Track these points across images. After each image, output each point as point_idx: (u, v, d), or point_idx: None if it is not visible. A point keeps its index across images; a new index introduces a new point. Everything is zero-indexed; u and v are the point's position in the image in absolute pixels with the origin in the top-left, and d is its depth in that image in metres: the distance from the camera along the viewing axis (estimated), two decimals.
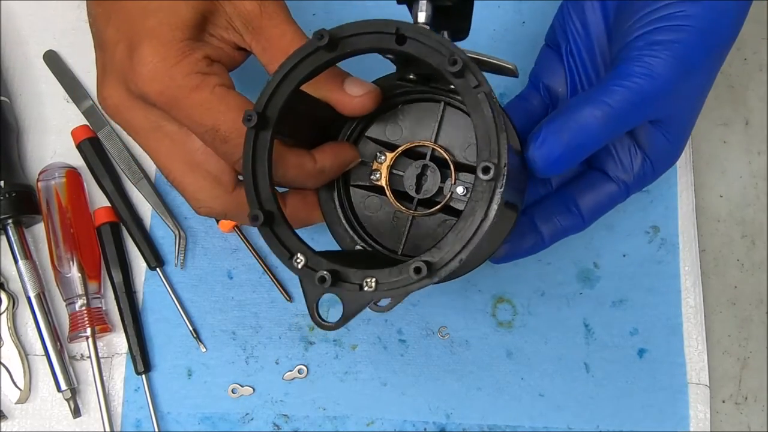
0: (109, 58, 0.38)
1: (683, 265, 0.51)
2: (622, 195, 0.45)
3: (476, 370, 0.50)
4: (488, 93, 0.33)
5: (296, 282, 0.51)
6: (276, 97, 0.35)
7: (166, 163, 0.39)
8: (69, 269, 0.50)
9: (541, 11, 0.55)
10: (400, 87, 0.41)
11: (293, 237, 0.34)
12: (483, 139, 0.32)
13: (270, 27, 0.38)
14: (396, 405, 0.50)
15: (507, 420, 0.49)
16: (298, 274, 0.34)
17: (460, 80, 0.33)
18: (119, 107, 0.38)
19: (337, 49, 0.35)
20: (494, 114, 0.32)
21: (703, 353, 0.50)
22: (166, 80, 0.36)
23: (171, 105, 0.37)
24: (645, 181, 0.45)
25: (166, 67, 0.36)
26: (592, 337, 0.50)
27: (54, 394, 0.50)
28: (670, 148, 0.44)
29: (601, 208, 0.45)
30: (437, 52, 0.33)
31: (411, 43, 0.34)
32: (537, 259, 0.51)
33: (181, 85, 0.36)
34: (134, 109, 0.38)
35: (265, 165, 0.35)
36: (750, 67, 0.55)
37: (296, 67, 0.35)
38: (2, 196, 0.50)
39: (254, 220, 0.34)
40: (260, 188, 0.35)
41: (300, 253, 0.34)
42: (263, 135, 0.35)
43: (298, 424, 0.50)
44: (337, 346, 0.51)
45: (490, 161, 0.32)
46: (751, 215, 0.53)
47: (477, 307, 0.51)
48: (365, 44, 0.34)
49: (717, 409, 0.50)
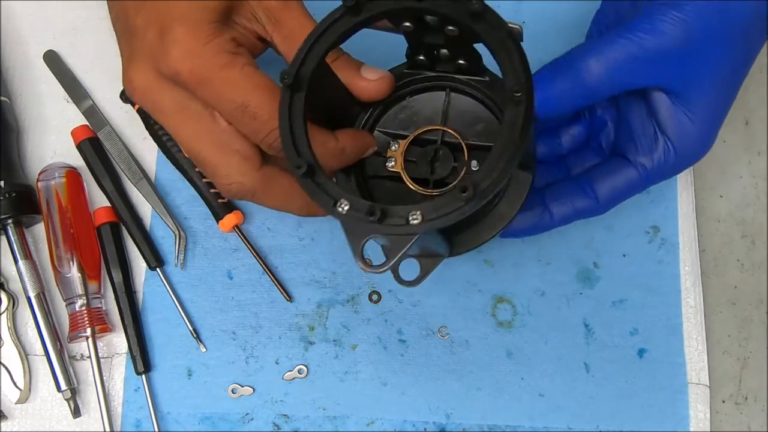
0: (138, 42, 0.39)
1: (683, 265, 0.51)
2: (642, 181, 0.44)
3: (476, 370, 0.50)
4: (510, 31, 0.35)
5: (296, 282, 0.51)
6: (308, 61, 0.37)
7: (194, 142, 0.40)
8: (69, 269, 0.50)
9: (541, 11, 0.55)
10: (407, 77, 0.43)
11: (334, 186, 0.35)
12: (509, 72, 0.34)
13: (290, 19, 0.41)
14: (396, 405, 0.50)
15: (507, 420, 0.49)
16: (342, 219, 0.34)
17: (482, 25, 0.35)
18: (147, 89, 0.40)
19: (361, 13, 0.37)
20: (517, 48, 0.34)
21: (703, 353, 0.50)
22: (197, 59, 0.38)
23: (201, 83, 0.38)
24: (666, 167, 0.44)
25: (198, 46, 0.38)
26: (592, 337, 0.50)
27: (54, 394, 0.50)
28: (694, 131, 0.43)
29: (619, 193, 0.45)
30: (454, 1, 0.35)
31: (428, 1, 0.36)
32: (537, 259, 0.51)
33: (212, 63, 0.38)
34: (162, 90, 0.39)
35: (301, 124, 0.36)
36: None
37: (325, 32, 0.37)
38: (2, 196, 0.50)
39: (297, 168, 0.35)
40: (298, 144, 0.36)
41: (343, 199, 0.34)
42: (298, 96, 0.37)
43: (298, 424, 0.50)
44: (337, 346, 0.51)
45: (517, 85, 0.34)
46: (751, 215, 0.53)
47: (477, 307, 0.51)
48: (387, 6, 0.36)
49: (717, 409, 0.50)
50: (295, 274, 0.52)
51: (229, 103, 0.38)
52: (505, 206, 0.42)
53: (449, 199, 0.33)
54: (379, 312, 0.51)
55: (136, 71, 0.40)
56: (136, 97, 0.41)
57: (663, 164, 0.44)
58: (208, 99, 0.39)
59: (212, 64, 0.38)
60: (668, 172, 0.44)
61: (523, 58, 0.34)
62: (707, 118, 0.43)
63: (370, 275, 0.51)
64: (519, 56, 0.34)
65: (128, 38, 0.40)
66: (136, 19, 0.39)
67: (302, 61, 0.37)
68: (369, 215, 0.33)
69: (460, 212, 0.33)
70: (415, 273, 0.41)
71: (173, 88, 0.39)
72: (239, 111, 0.38)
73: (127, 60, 0.40)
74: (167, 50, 0.38)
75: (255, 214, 0.53)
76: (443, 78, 0.43)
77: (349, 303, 0.51)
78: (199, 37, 0.38)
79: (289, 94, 0.37)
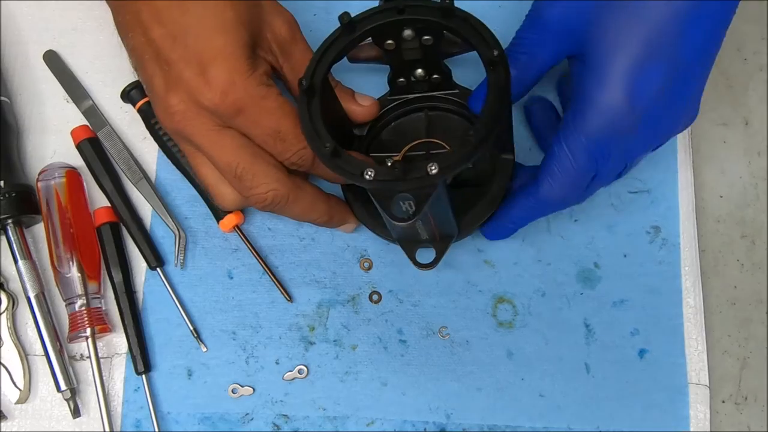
0: (176, 74, 0.43)
1: (683, 265, 0.51)
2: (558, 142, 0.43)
3: (476, 370, 0.50)
4: (468, 18, 0.42)
5: (296, 282, 0.51)
6: (317, 72, 0.43)
7: (232, 156, 0.44)
8: (69, 269, 0.50)
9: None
10: (391, 102, 0.50)
11: (357, 161, 0.40)
12: (485, 45, 0.41)
13: (297, 52, 0.46)
14: (396, 405, 0.50)
15: (507, 420, 0.49)
16: (371, 185, 0.39)
17: (454, 20, 0.42)
18: (186, 115, 0.43)
19: (355, 31, 0.43)
20: (485, 27, 0.41)
21: (703, 353, 0.50)
22: (240, 92, 0.42)
23: (241, 112, 0.43)
24: (577, 128, 0.43)
25: (240, 80, 0.42)
26: (592, 338, 0.50)
27: (54, 394, 0.50)
28: (591, 81, 0.42)
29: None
30: (427, 8, 0.43)
31: (409, 10, 0.43)
32: (537, 259, 0.51)
33: (253, 95, 0.42)
34: (200, 116, 0.43)
35: (319, 120, 0.42)
36: (750, 67, 0.55)
37: (328, 49, 0.43)
38: (2, 196, 0.50)
39: (324, 148, 0.40)
40: (320, 134, 0.41)
41: (368, 168, 0.39)
42: (314, 101, 0.42)
43: (298, 425, 0.50)
44: (337, 347, 0.51)
45: (492, 52, 0.40)
46: (751, 215, 0.53)
47: (477, 307, 0.51)
48: (375, 22, 0.43)
49: (717, 409, 0.50)
50: (295, 274, 0.52)
51: (265, 129, 0.43)
52: (496, 187, 0.47)
53: (458, 149, 0.38)
54: (379, 312, 0.51)
55: (174, 100, 0.43)
56: (172, 121, 0.44)
57: (574, 127, 0.43)
58: (243, 126, 0.43)
59: (253, 95, 0.42)
60: (580, 128, 0.43)
61: (492, 33, 0.41)
62: (600, 68, 0.42)
63: (370, 276, 0.51)
64: (489, 32, 0.41)
65: (163, 70, 0.43)
66: (172, 53, 0.43)
67: (313, 73, 0.43)
68: (392, 170, 0.38)
69: (470, 156, 0.38)
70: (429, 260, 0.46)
71: (209, 115, 0.43)
72: (273, 135, 0.43)
73: (164, 89, 0.43)
74: (210, 85, 0.42)
75: (255, 214, 0.53)
76: (421, 99, 0.50)
77: (350, 303, 0.51)
78: (240, 72, 0.42)
79: (306, 99, 0.42)
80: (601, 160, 0.43)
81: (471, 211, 0.48)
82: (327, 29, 0.44)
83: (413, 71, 0.48)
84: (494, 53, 0.40)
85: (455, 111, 0.50)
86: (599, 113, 0.42)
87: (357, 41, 0.44)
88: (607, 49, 0.42)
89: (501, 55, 0.40)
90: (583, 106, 0.42)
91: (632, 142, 0.43)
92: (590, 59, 0.42)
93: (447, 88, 0.49)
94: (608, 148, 0.43)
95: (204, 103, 0.42)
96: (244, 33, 0.43)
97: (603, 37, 0.42)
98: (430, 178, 0.38)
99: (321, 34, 0.44)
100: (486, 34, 0.41)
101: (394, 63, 0.48)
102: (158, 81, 0.44)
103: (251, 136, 0.44)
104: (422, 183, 0.38)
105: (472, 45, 0.41)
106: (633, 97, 0.42)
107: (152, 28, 0.43)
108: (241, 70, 0.42)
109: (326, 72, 0.43)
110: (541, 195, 0.45)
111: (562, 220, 0.52)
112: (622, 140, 0.43)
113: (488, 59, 0.40)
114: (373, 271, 0.52)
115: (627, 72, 0.41)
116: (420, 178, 0.38)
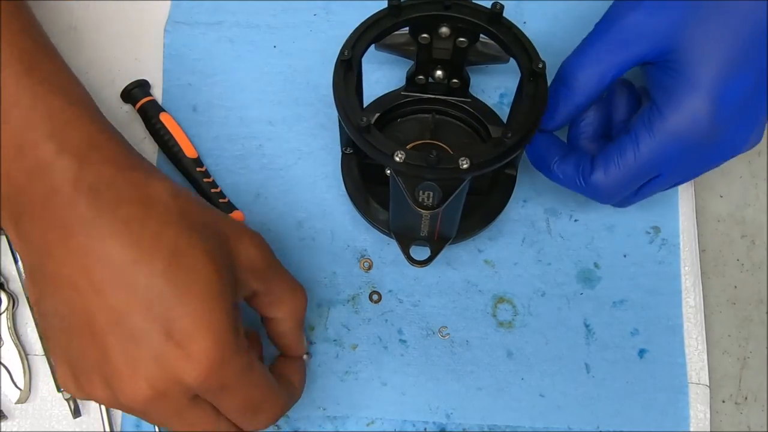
0: (142, 346, 0.36)
1: (683, 265, 0.51)
2: (634, 146, 0.43)
3: (476, 370, 0.50)
4: (512, 27, 0.42)
5: None
6: (358, 46, 0.42)
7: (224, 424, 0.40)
8: None
9: (541, 11, 0.55)
10: (402, 98, 0.49)
11: (386, 141, 0.40)
12: (527, 56, 0.41)
13: (273, 276, 0.42)
14: (396, 405, 0.50)
15: (507, 420, 0.49)
16: (400, 167, 0.39)
17: (499, 26, 0.42)
18: (156, 393, 0.36)
19: (401, 15, 0.43)
20: (529, 40, 0.42)
21: (703, 353, 0.50)
22: (228, 368, 0.37)
23: (225, 388, 0.38)
24: (653, 128, 0.42)
25: (230, 353, 0.37)
26: (592, 338, 0.50)
27: (54, 394, 0.50)
28: (675, 86, 0.41)
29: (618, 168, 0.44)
30: (477, 11, 0.43)
31: (455, 8, 0.43)
32: (537, 259, 0.51)
33: (242, 367, 0.38)
34: (170, 393, 0.37)
35: (354, 94, 0.41)
36: None
37: (371, 27, 0.43)
38: None
39: (360, 122, 0.39)
40: (350, 111, 0.40)
41: (399, 150, 0.39)
42: (349, 74, 0.42)
43: (298, 424, 0.50)
44: (337, 346, 0.51)
45: (536, 64, 0.41)
46: (751, 215, 0.53)
47: (477, 307, 0.51)
48: (422, 11, 0.43)
49: (717, 409, 0.50)
50: (295, 273, 0.52)
51: (245, 398, 0.39)
52: (495, 200, 0.49)
53: (491, 148, 0.39)
54: (379, 312, 0.51)
55: (146, 383, 0.36)
56: (137, 402, 0.37)
57: (650, 125, 0.42)
58: (220, 399, 0.38)
59: (242, 369, 0.38)
60: (656, 137, 0.42)
61: (533, 46, 0.42)
62: (689, 71, 0.41)
63: (370, 276, 0.51)
64: (531, 44, 0.42)
65: (120, 342, 0.36)
66: (132, 319, 0.35)
67: (353, 45, 0.42)
68: (425, 156, 0.38)
69: (503, 157, 0.39)
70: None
71: (184, 390, 0.37)
72: (250, 409, 0.39)
73: (130, 368, 0.36)
74: (193, 360, 0.36)
75: (255, 213, 0.53)
76: (432, 101, 0.49)
77: (350, 303, 0.51)
78: (227, 342, 0.36)
79: (343, 70, 0.41)
80: (664, 165, 0.43)
81: (469, 219, 0.48)
82: (327, 29, 0.44)
83: (434, 71, 0.48)
84: (539, 65, 0.40)
85: (464, 120, 0.50)
86: (682, 118, 0.41)
87: (399, 26, 0.44)
88: (697, 56, 0.40)
89: (544, 67, 0.41)
90: (665, 110, 0.41)
91: (700, 153, 0.43)
92: (676, 64, 0.41)
93: (461, 95, 0.49)
94: (677, 154, 0.42)
95: (185, 380, 0.36)
96: (225, 290, 0.37)
97: (693, 42, 0.41)
98: (460, 171, 0.38)
99: (321, 34, 0.44)
100: (528, 45, 0.41)
101: (420, 58, 0.47)
102: (117, 356, 0.36)
103: (222, 408, 0.39)
104: (452, 175, 0.39)
105: (512, 54, 0.42)
106: (719, 106, 0.41)
107: (103, 288, 0.35)
108: (228, 340, 0.36)
109: (365, 49, 0.43)
110: (591, 180, 0.44)
111: (562, 220, 0.52)
112: (692, 150, 0.42)
113: (529, 70, 0.41)
114: (373, 271, 0.52)
115: (716, 80, 0.40)
116: (451, 169, 0.38)
